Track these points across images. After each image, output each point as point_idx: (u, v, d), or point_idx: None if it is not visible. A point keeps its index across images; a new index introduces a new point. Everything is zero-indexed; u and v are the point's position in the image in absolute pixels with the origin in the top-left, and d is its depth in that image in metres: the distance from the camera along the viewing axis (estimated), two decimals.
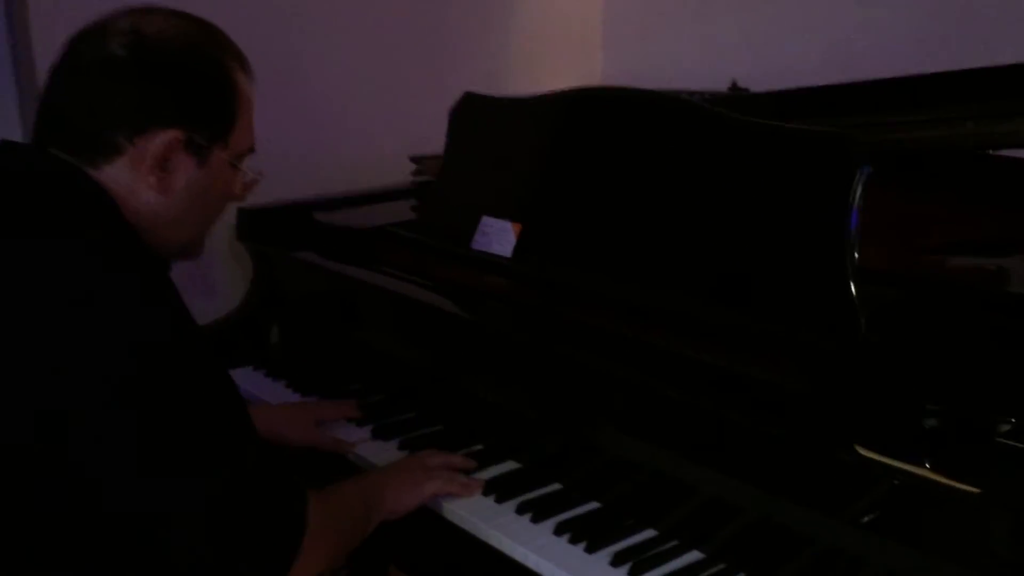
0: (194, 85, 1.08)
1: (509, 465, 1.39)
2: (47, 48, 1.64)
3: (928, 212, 1.74)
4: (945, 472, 0.95)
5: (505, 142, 1.62)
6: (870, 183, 1.16)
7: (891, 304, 1.29)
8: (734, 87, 3.10)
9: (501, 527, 1.23)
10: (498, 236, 1.56)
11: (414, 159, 2.07)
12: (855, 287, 1.13)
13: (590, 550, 1.17)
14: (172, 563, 0.99)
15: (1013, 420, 0.93)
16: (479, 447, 1.43)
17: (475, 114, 1.68)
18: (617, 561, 1.15)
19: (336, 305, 1.72)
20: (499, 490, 1.30)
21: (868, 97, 1.70)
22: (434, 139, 2.36)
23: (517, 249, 1.52)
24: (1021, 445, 0.90)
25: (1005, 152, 1.66)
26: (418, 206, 1.94)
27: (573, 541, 1.19)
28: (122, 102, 1.04)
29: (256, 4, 2.12)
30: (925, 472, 0.95)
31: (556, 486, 1.32)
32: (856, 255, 1.14)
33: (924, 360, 1.11)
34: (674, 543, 1.18)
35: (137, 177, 1.06)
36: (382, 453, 1.44)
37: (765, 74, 3.00)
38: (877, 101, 1.70)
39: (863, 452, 1.00)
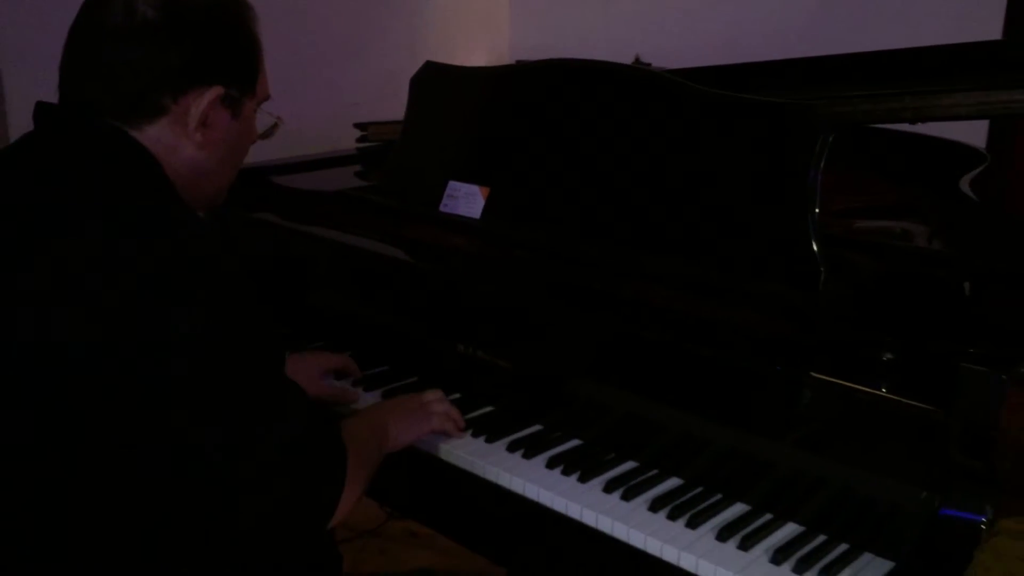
0: (226, 42, 1.12)
1: (486, 410, 1.50)
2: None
3: (832, 183, 1.95)
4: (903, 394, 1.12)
5: (468, 109, 1.71)
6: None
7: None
8: (637, 62, 3.27)
9: (498, 463, 1.34)
10: (466, 199, 1.65)
11: (358, 126, 2.13)
12: (816, 240, 1.29)
13: (583, 479, 1.30)
14: (240, 518, 1.07)
15: (961, 348, 1.10)
16: (457, 396, 1.53)
17: (436, 82, 1.76)
18: (608, 489, 1.28)
19: (298, 265, 1.78)
20: (488, 431, 1.41)
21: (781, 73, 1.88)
22: (363, 106, 2.44)
23: (485, 211, 1.62)
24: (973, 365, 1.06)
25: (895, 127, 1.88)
26: (370, 171, 2.00)
27: (566, 473, 1.32)
28: (164, 65, 1.07)
29: None
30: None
31: (537, 427, 1.44)
32: (817, 211, 1.30)
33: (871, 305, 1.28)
34: (655, 472, 1.32)
35: (179, 134, 1.10)
36: (366, 402, 1.53)
37: (666, 50, 3.19)
38: (790, 78, 1.87)
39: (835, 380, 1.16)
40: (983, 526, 1.04)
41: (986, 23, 2.87)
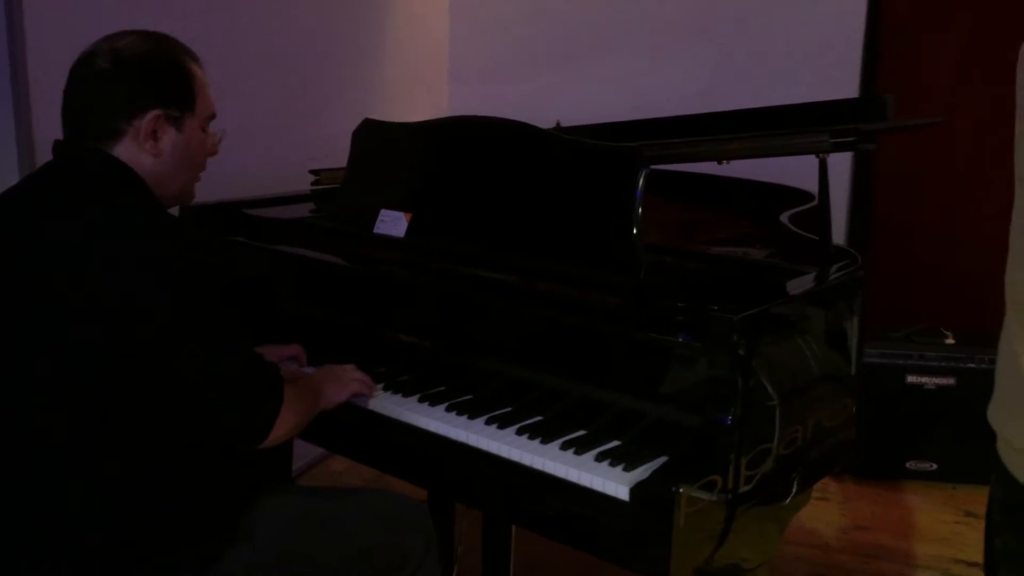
0: (160, 76, 1.56)
1: (405, 377, 1.97)
2: (40, 56, 2.13)
3: (697, 219, 2.50)
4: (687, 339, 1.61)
5: (396, 154, 2.21)
6: (658, 193, 1.83)
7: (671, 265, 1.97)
8: (558, 125, 3.81)
9: (412, 410, 1.82)
10: (394, 223, 2.14)
11: (313, 171, 2.62)
12: (640, 246, 1.78)
13: (471, 418, 1.78)
14: (206, 424, 1.50)
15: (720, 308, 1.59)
16: (382, 369, 2.00)
17: (372, 134, 2.26)
18: (488, 422, 1.76)
19: (264, 275, 2.25)
20: (404, 390, 1.89)
21: (660, 127, 2.41)
22: (320, 155, 2.93)
23: (408, 231, 2.11)
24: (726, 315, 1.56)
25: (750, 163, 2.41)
26: (322, 205, 2.50)
27: (459, 414, 1.79)
28: (115, 99, 1.54)
29: None
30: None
31: (441, 388, 1.91)
32: (640, 219, 1.79)
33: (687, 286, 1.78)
34: (525, 412, 1.80)
35: (137, 149, 1.55)
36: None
37: (583, 115, 3.74)
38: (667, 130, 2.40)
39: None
40: (729, 421, 1.52)
41: (844, 88, 3.45)
